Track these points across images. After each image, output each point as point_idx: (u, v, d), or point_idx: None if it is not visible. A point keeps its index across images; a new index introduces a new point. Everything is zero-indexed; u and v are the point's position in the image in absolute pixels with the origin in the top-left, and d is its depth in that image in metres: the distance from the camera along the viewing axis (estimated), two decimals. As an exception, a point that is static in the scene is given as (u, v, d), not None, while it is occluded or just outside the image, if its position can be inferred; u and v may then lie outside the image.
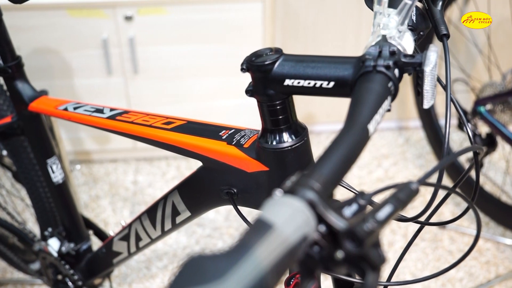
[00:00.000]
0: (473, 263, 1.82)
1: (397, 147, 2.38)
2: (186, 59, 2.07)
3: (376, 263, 0.47)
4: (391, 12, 0.73)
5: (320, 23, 2.23)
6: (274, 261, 0.43)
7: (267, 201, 0.48)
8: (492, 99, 1.80)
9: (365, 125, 0.59)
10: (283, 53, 0.73)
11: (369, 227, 0.47)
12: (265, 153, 0.77)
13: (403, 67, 0.69)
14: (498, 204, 1.93)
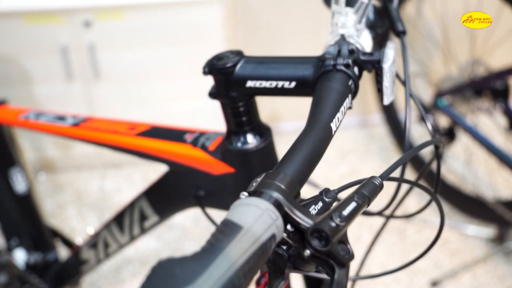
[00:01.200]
0: (438, 253, 1.86)
1: (361, 141, 2.41)
2: (148, 63, 2.06)
3: (343, 260, 0.48)
4: (349, 11, 0.74)
5: (280, 23, 2.24)
6: (244, 263, 0.44)
7: (234, 204, 0.49)
8: (451, 92, 1.84)
9: (327, 124, 0.61)
10: (244, 55, 0.73)
11: (335, 224, 0.48)
12: (230, 155, 0.78)
13: (362, 65, 0.70)
14: (459, 193, 1.98)
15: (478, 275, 1.78)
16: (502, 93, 1.72)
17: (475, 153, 2.12)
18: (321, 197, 0.55)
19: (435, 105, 1.89)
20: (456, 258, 1.84)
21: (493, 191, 2.04)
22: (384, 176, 0.57)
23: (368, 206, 0.54)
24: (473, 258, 1.83)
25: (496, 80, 1.70)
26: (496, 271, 1.79)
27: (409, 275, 1.78)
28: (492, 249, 1.85)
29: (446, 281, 1.75)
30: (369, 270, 1.78)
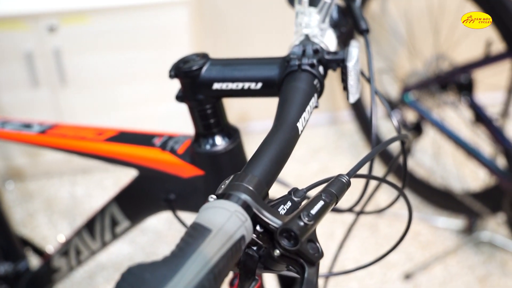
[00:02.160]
0: (410, 245, 1.89)
1: (331, 138, 2.43)
2: (115, 67, 2.04)
3: (313, 258, 0.48)
4: (312, 11, 0.75)
5: (247, 24, 2.25)
6: (214, 265, 0.44)
7: (202, 207, 0.49)
8: (417, 87, 1.87)
9: (294, 124, 0.61)
10: (210, 57, 0.73)
11: (303, 224, 0.48)
12: (199, 158, 0.78)
13: (327, 64, 0.71)
14: (429, 187, 2.01)
15: (449, 266, 1.81)
16: (466, 86, 1.75)
17: (443, 146, 2.16)
18: (290, 197, 0.56)
19: (402, 100, 1.92)
20: (427, 250, 1.87)
21: (461, 183, 2.08)
22: (351, 174, 0.58)
23: (336, 203, 0.55)
24: (444, 249, 1.86)
25: (461, 74, 1.73)
26: (467, 261, 1.82)
27: (382, 268, 1.81)
28: (462, 240, 1.89)
29: (418, 273, 1.78)
30: (343, 266, 1.80)
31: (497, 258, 1.82)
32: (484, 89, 2.06)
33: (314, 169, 2.25)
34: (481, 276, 1.77)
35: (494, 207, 1.74)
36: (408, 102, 1.89)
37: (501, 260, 1.81)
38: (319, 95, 0.70)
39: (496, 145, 1.64)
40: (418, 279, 1.77)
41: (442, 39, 2.04)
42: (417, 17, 2.24)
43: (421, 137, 1.97)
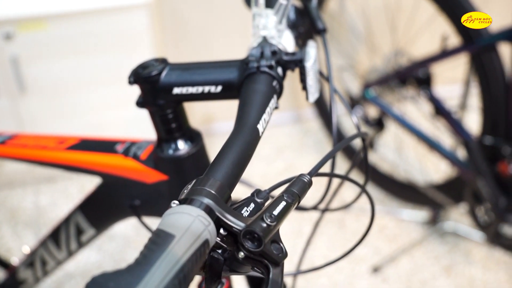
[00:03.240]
0: (377, 239, 1.92)
1: (296, 137, 2.44)
2: (76, 73, 2.02)
3: (277, 259, 0.49)
4: (269, 12, 0.76)
5: (208, 26, 2.24)
6: (179, 270, 0.44)
7: (165, 213, 0.49)
8: (377, 83, 1.89)
9: (254, 126, 0.62)
10: (169, 62, 0.73)
11: (266, 225, 0.49)
12: (162, 163, 0.78)
13: (286, 65, 0.72)
14: (393, 180, 2.04)
15: (416, 257, 1.84)
16: (425, 80, 1.78)
17: (405, 140, 2.19)
18: (253, 198, 0.57)
19: (363, 96, 1.94)
20: (394, 243, 1.90)
21: (424, 176, 2.12)
22: (313, 173, 0.59)
23: (299, 203, 0.56)
24: (410, 241, 1.89)
25: (419, 69, 1.76)
26: (432, 252, 1.86)
27: (350, 263, 1.83)
28: (427, 231, 1.93)
29: (386, 266, 1.81)
30: (312, 262, 1.81)
31: (461, 247, 1.86)
32: (442, 82, 2.11)
33: (280, 168, 2.26)
34: (446, 266, 1.80)
35: (456, 198, 1.78)
36: (369, 98, 1.92)
37: (465, 249, 1.85)
38: (278, 96, 0.70)
39: (456, 137, 1.68)
40: (386, 271, 1.80)
41: (399, 35, 2.08)
42: (375, 14, 2.27)
43: (383, 132, 2.00)
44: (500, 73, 1.51)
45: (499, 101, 1.53)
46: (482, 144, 1.57)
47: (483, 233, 1.66)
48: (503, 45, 1.48)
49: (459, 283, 1.74)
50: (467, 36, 1.55)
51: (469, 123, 1.80)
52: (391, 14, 2.19)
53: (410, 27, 2.10)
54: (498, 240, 1.61)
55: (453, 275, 1.77)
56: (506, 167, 1.51)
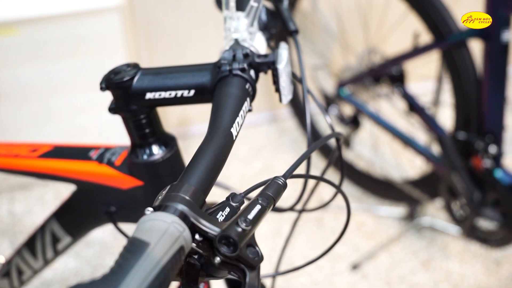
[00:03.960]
0: (356, 237, 1.93)
1: (272, 136, 2.45)
2: (48, 78, 1.99)
3: (253, 263, 0.49)
4: (240, 15, 0.76)
5: (181, 27, 2.23)
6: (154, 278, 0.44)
7: (140, 221, 0.49)
8: (351, 81, 1.91)
9: (228, 130, 0.62)
10: (141, 67, 0.73)
11: (241, 229, 0.49)
12: (137, 168, 0.77)
13: (258, 67, 0.72)
14: (369, 177, 2.06)
15: (394, 253, 1.86)
16: (398, 78, 1.80)
17: (380, 137, 2.21)
18: (228, 202, 0.57)
19: (338, 95, 1.95)
20: (372, 239, 1.92)
21: (399, 172, 2.14)
22: (287, 175, 0.59)
23: (274, 206, 0.56)
24: (388, 237, 1.91)
25: (392, 66, 1.78)
26: (410, 247, 1.88)
27: (330, 261, 1.84)
28: (404, 226, 1.94)
29: (365, 262, 1.82)
30: (292, 262, 1.82)
31: (438, 241, 1.89)
32: (415, 79, 2.13)
33: (257, 169, 2.26)
34: (424, 260, 1.82)
35: (432, 193, 1.80)
36: (344, 96, 1.93)
37: (442, 243, 1.88)
38: (251, 99, 0.71)
39: (430, 133, 1.70)
40: (365, 268, 1.81)
41: (372, 33, 2.10)
42: (347, 13, 2.28)
43: (359, 130, 2.02)
44: (471, 69, 1.54)
45: (471, 97, 1.55)
46: (456, 139, 1.59)
47: (459, 227, 1.69)
48: (474, 42, 1.50)
49: (437, 277, 1.76)
50: (438, 33, 1.57)
51: (442, 119, 1.83)
52: (363, 13, 2.21)
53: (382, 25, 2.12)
54: (474, 233, 1.63)
55: (431, 269, 1.79)
56: (480, 161, 1.53)
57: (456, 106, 1.62)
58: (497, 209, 1.55)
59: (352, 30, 2.28)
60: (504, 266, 1.78)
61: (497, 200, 1.54)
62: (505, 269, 1.78)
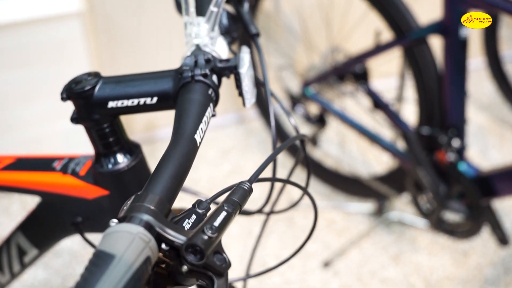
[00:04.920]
0: (326, 234, 1.94)
1: (240, 138, 2.45)
2: (9, 87, 1.96)
3: (220, 270, 0.49)
4: (200, 20, 0.76)
5: (144, 33, 2.21)
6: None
7: (105, 233, 0.48)
8: (316, 81, 1.92)
9: (191, 137, 0.62)
10: (102, 76, 0.72)
11: (207, 237, 0.49)
12: (102, 177, 0.76)
13: (220, 72, 0.72)
14: (338, 175, 2.08)
15: (364, 249, 1.88)
16: (362, 75, 1.82)
17: (347, 135, 2.23)
18: (194, 210, 0.57)
19: (303, 94, 1.96)
20: (343, 236, 1.94)
21: (367, 169, 2.16)
22: (253, 180, 0.60)
23: (240, 211, 0.56)
24: (358, 233, 1.93)
25: (355, 64, 1.80)
26: (380, 242, 1.90)
27: (301, 260, 1.85)
28: (374, 222, 1.97)
29: (336, 259, 1.84)
30: (264, 262, 1.82)
31: (407, 235, 1.91)
32: (379, 76, 2.16)
33: (226, 171, 2.26)
34: (394, 255, 1.85)
35: (399, 188, 1.83)
36: (309, 96, 1.95)
37: (411, 237, 1.91)
38: (215, 104, 0.70)
39: (395, 129, 1.72)
40: (336, 265, 1.83)
41: (335, 32, 2.11)
42: (309, 13, 2.30)
43: (325, 128, 2.03)
44: (432, 65, 1.56)
45: (433, 92, 1.58)
46: (420, 134, 1.61)
47: (427, 221, 1.71)
48: (434, 38, 1.53)
49: (406, 271, 1.79)
50: (399, 31, 1.59)
51: (406, 115, 1.85)
52: (325, 12, 2.22)
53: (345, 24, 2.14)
54: (441, 226, 1.66)
55: (401, 263, 1.82)
56: (444, 155, 1.56)
57: (419, 101, 1.64)
58: (463, 201, 1.58)
59: (315, 30, 2.30)
60: (471, 256, 1.82)
61: (462, 193, 1.57)
62: (472, 259, 1.81)
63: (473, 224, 1.58)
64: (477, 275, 1.76)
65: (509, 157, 2.24)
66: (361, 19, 2.00)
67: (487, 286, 1.72)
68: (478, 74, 2.65)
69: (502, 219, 1.74)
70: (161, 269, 0.52)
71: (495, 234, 1.59)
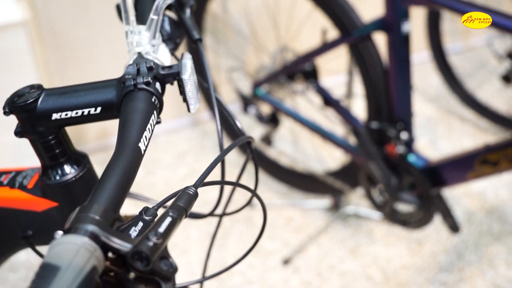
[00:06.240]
0: (285, 232, 1.97)
1: (195, 140, 2.45)
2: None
3: (167, 275, 0.50)
4: (141, 28, 0.76)
5: (93, 40, 2.18)
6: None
7: (50, 245, 0.49)
8: (267, 81, 1.94)
9: (135, 145, 0.62)
10: (44, 88, 0.72)
11: (152, 243, 0.50)
12: (50, 190, 0.76)
13: (163, 79, 0.73)
14: (293, 173, 2.10)
15: (322, 244, 1.91)
16: (311, 74, 1.85)
17: (300, 133, 2.26)
18: (141, 217, 0.57)
19: (254, 95, 1.98)
20: (301, 233, 1.96)
21: (321, 165, 2.20)
22: (198, 184, 0.61)
23: (186, 216, 0.57)
24: (316, 229, 1.96)
25: (304, 63, 1.82)
26: (337, 236, 1.93)
27: (261, 259, 1.87)
28: (331, 217, 2.00)
29: (295, 256, 1.86)
30: (225, 263, 1.83)
31: (363, 228, 1.95)
32: (328, 74, 2.19)
33: (183, 174, 2.26)
34: (351, 248, 1.89)
35: (353, 183, 1.87)
36: (261, 96, 1.97)
37: (367, 230, 1.95)
38: (159, 111, 0.71)
39: (346, 125, 1.76)
40: (296, 262, 1.85)
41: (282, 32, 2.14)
42: (256, 14, 2.32)
43: (279, 127, 2.05)
44: (377, 61, 1.60)
45: (380, 87, 1.62)
46: (370, 129, 1.65)
47: (381, 212, 1.75)
48: (378, 34, 1.57)
49: (364, 263, 1.83)
50: (344, 29, 1.62)
51: (356, 110, 1.89)
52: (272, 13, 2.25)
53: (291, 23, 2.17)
54: (395, 217, 1.70)
55: (359, 255, 1.86)
56: (393, 148, 1.60)
57: (367, 97, 1.68)
58: (414, 192, 1.63)
59: (263, 30, 2.32)
60: (425, 245, 1.87)
61: (413, 184, 1.62)
62: (427, 248, 1.87)
63: (425, 214, 1.62)
64: (432, 262, 1.82)
65: (457, 146, 2.31)
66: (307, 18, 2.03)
67: (441, 272, 1.78)
68: (424, 67, 2.73)
69: (453, 207, 1.80)
70: (110, 277, 0.52)
71: (446, 222, 1.64)
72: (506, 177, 2.10)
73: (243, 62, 2.41)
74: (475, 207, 2.01)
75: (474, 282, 1.74)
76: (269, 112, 2.02)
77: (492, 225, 1.93)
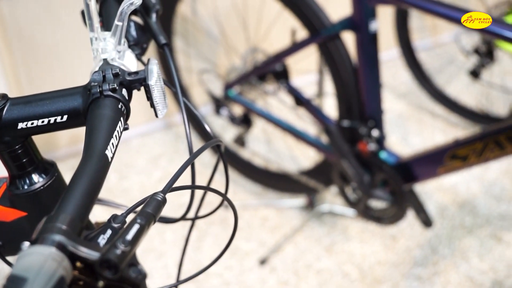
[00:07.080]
0: (261, 232, 1.97)
1: (169, 143, 2.44)
2: None
3: (136, 281, 0.50)
4: (106, 35, 0.76)
5: (60, 43, 2.16)
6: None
7: (17, 257, 0.49)
8: (238, 82, 1.94)
9: (102, 153, 0.62)
10: (9, 97, 0.71)
11: (120, 251, 0.50)
12: (18, 199, 0.75)
13: (130, 85, 0.73)
14: (267, 173, 2.11)
15: (298, 243, 1.92)
16: (282, 74, 1.85)
17: (273, 133, 2.27)
18: (110, 225, 0.57)
19: (226, 96, 1.98)
20: (277, 233, 1.97)
21: (295, 164, 2.21)
22: (166, 190, 0.61)
23: (155, 222, 0.57)
24: (291, 228, 1.97)
25: (275, 63, 1.83)
26: (313, 235, 1.95)
27: (238, 260, 1.87)
28: (306, 216, 2.01)
29: (272, 256, 1.87)
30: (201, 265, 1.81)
31: (338, 226, 1.97)
32: (298, 73, 2.20)
33: (157, 178, 2.25)
34: (327, 246, 1.90)
35: (326, 181, 1.88)
36: (232, 97, 1.97)
37: (342, 227, 1.96)
38: (126, 117, 0.71)
39: (318, 124, 1.77)
40: (272, 261, 1.86)
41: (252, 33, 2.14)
42: (226, 15, 2.32)
43: (251, 128, 2.06)
44: (346, 60, 1.62)
45: (350, 86, 1.63)
46: (341, 127, 1.67)
47: (355, 210, 1.77)
48: (346, 33, 1.58)
49: (340, 260, 1.84)
50: (313, 28, 1.63)
51: (328, 109, 1.91)
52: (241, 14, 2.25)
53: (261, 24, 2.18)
54: (369, 214, 1.72)
55: (334, 253, 1.87)
56: (365, 146, 1.61)
57: (338, 95, 1.70)
58: (386, 188, 1.65)
59: (233, 32, 2.32)
60: (400, 240, 1.90)
61: (385, 180, 1.64)
62: (401, 243, 1.89)
63: (398, 209, 1.64)
64: (407, 257, 1.84)
65: (429, 142, 2.34)
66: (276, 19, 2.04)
67: (416, 267, 1.80)
68: (394, 64, 2.76)
69: (425, 202, 1.82)
70: (79, 286, 0.52)
71: (419, 217, 1.67)
72: (477, 171, 2.14)
73: (214, 64, 2.41)
74: (447, 201, 2.04)
75: (448, 275, 1.77)
76: (241, 113, 2.02)
77: (464, 219, 1.96)
